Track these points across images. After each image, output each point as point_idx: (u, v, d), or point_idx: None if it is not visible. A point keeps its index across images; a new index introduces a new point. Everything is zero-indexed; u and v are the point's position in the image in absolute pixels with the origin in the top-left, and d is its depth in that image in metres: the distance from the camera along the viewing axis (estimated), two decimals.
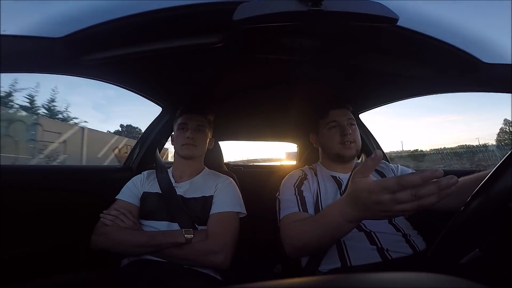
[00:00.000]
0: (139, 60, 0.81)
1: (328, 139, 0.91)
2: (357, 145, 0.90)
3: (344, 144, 0.87)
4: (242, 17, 0.50)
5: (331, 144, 0.90)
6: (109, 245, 0.76)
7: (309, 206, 0.79)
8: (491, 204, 0.44)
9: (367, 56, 0.82)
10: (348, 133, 0.87)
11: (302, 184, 0.86)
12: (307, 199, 0.81)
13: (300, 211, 0.76)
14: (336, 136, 0.88)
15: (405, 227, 0.79)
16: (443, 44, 0.65)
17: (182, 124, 0.97)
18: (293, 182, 0.87)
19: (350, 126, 0.90)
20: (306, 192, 0.83)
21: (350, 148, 0.87)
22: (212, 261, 0.75)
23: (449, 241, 0.49)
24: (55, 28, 0.59)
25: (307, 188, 0.85)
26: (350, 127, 0.89)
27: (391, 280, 0.22)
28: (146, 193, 0.91)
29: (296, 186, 0.85)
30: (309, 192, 0.85)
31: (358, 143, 0.90)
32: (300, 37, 0.73)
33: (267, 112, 1.53)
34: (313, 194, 0.85)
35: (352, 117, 0.93)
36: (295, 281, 0.21)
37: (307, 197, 0.82)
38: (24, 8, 0.63)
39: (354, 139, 0.88)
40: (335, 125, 0.90)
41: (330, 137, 0.90)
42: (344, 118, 0.90)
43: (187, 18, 0.61)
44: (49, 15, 0.61)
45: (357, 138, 0.90)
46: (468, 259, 0.45)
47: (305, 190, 0.84)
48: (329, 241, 0.63)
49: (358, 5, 0.51)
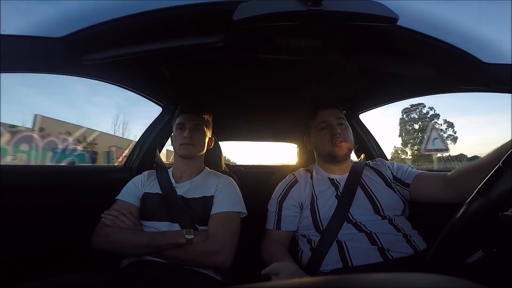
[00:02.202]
0: (139, 60, 0.81)
1: (319, 140, 0.92)
2: (349, 144, 0.90)
3: (335, 144, 0.87)
4: (242, 17, 0.50)
5: (322, 144, 0.91)
6: (109, 246, 0.76)
7: (285, 221, 0.87)
8: (482, 213, 0.44)
9: (367, 56, 0.82)
10: (337, 132, 0.87)
11: (288, 193, 0.91)
12: (286, 213, 0.88)
13: (274, 229, 0.88)
14: (326, 136, 0.89)
15: (405, 227, 0.79)
16: (443, 44, 0.65)
17: (180, 124, 0.97)
18: (278, 196, 0.93)
19: (340, 125, 0.90)
20: (289, 205, 0.89)
21: (340, 147, 0.87)
22: (213, 262, 0.75)
23: (445, 247, 0.48)
24: (55, 28, 0.59)
25: (294, 196, 0.90)
26: (340, 127, 0.89)
27: (391, 280, 0.22)
28: (146, 193, 0.91)
29: (278, 201, 0.91)
30: (296, 200, 0.89)
31: (349, 141, 0.90)
32: (300, 37, 0.73)
33: (267, 112, 1.53)
34: (305, 199, 0.88)
35: (341, 116, 0.93)
36: (295, 281, 0.21)
37: (285, 211, 0.89)
38: (24, 8, 0.63)
39: (345, 138, 0.88)
40: (324, 126, 0.91)
41: (321, 137, 0.91)
42: (333, 118, 0.91)
43: (187, 18, 0.61)
44: (49, 15, 0.62)
45: (348, 137, 0.90)
46: (472, 260, 0.44)
47: (288, 202, 0.89)
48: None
49: (358, 5, 0.51)
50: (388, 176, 0.89)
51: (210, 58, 0.87)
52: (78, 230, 0.99)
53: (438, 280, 0.22)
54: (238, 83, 1.13)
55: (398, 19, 0.51)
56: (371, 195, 0.84)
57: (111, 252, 0.76)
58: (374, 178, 0.89)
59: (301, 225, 0.86)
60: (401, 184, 0.86)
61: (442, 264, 0.48)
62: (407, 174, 0.85)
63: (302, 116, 1.48)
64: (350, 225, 0.78)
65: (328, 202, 0.84)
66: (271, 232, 0.88)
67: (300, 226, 0.87)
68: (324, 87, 1.15)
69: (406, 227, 0.80)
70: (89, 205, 0.95)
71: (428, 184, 0.80)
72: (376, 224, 0.78)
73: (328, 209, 0.82)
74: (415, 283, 0.21)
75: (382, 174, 0.90)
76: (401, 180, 0.86)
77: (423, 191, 0.81)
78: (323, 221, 0.81)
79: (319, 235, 0.80)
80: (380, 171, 0.92)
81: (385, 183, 0.87)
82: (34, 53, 0.61)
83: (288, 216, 0.87)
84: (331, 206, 0.82)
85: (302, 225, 0.85)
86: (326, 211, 0.82)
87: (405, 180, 0.85)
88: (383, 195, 0.83)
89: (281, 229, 0.86)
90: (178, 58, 0.86)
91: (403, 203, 0.84)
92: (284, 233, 0.87)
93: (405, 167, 0.89)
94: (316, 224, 0.81)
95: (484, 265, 0.44)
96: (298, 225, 0.87)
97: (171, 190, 0.89)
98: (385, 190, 0.85)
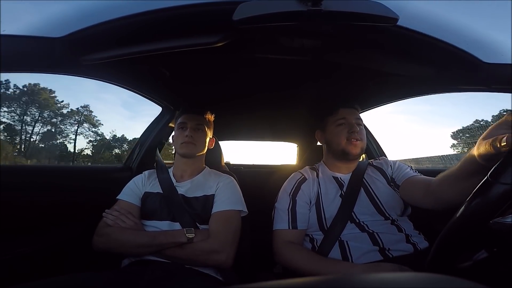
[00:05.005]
0: (139, 60, 0.81)
1: (335, 135, 0.91)
2: (363, 144, 0.90)
3: (351, 141, 0.87)
4: (242, 17, 0.50)
5: (338, 140, 0.90)
6: (110, 246, 0.76)
7: (300, 219, 0.82)
8: (471, 223, 0.44)
9: (367, 56, 0.82)
10: (356, 130, 0.88)
11: (299, 189, 0.88)
12: (300, 210, 0.83)
13: (289, 229, 0.81)
14: (344, 133, 0.89)
15: (407, 228, 0.79)
16: (443, 44, 0.65)
17: (181, 123, 0.98)
18: (289, 190, 0.89)
19: (358, 125, 0.91)
20: (301, 201, 0.85)
21: (355, 146, 0.87)
22: (214, 260, 0.75)
23: (443, 252, 0.48)
24: (55, 28, 0.59)
25: (304, 193, 0.87)
26: (358, 126, 0.90)
27: (391, 280, 0.22)
28: (147, 193, 0.91)
29: (291, 195, 0.87)
30: (307, 197, 0.86)
31: (364, 142, 0.91)
32: (300, 37, 0.73)
33: (267, 112, 1.53)
34: (313, 197, 0.86)
35: (360, 117, 0.94)
36: (295, 281, 0.21)
37: (299, 208, 0.84)
38: (24, 8, 0.63)
39: (361, 137, 0.89)
40: (343, 122, 0.91)
41: (338, 133, 0.90)
42: (353, 117, 0.91)
43: (187, 18, 0.61)
44: (49, 15, 0.62)
45: (364, 138, 0.91)
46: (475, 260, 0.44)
47: (300, 199, 0.86)
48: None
49: (358, 5, 0.51)
50: (389, 175, 0.90)
51: (210, 58, 0.87)
52: (79, 230, 0.99)
53: (438, 280, 0.22)
54: (238, 83, 1.13)
55: (398, 19, 0.51)
56: (373, 195, 0.84)
57: (112, 252, 0.76)
58: (377, 177, 0.90)
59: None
60: (394, 185, 0.86)
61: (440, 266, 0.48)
62: (401, 176, 0.85)
63: (302, 116, 1.48)
64: (354, 224, 0.78)
65: (333, 201, 0.84)
66: (285, 233, 0.81)
67: None
68: (324, 87, 1.15)
69: (408, 228, 0.80)
70: (89, 205, 0.96)
71: (413, 188, 0.80)
72: (378, 224, 0.78)
73: (333, 208, 0.82)
74: (415, 283, 0.21)
75: (384, 172, 0.91)
76: (394, 180, 0.87)
77: (407, 195, 0.81)
78: (327, 220, 0.80)
79: (322, 234, 0.80)
80: (383, 169, 0.92)
81: (387, 182, 0.88)
82: (34, 53, 0.61)
83: (302, 214, 0.83)
84: (335, 205, 0.82)
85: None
86: (331, 210, 0.82)
87: (397, 182, 0.85)
88: (384, 195, 0.84)
89: (297, 228, 0.81)
90: (178, 58, 0.86)
91: (403, 203, 0.84)
92: (301, 232, 0.82)
93: (404, 168, 0.89)
94: (320, 223, 0.81)
95: (484, 265, 0.44)
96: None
97: (172, 189, 0.90)
98: (386, 189, 0.86)
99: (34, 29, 0.59)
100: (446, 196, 0.65)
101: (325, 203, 0.84)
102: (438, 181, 0.69)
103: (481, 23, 7.32)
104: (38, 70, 0.71)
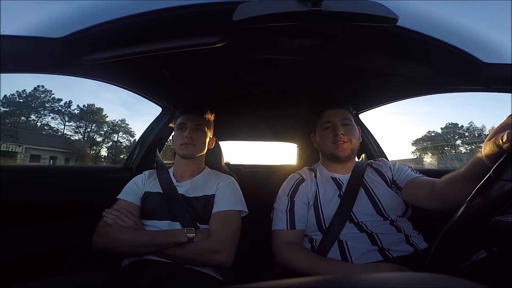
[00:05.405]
0: (139, 60, 0.81)
1: (322, 139, 0.92)
2: (353, 145, 0.89)
3: (337, 144, 0.87)
4: (242, 17, 0.50)
5: (325, 144, 0.91)
6: (110, 245, 0.76)
7: (299, 220, 0.83)
8: (472, 221, 0.44)
9: (367, 56, 0.82)
10: (339, 132, 0.86)
11: (297, 190, 0.88)
12: (298, 210, 0.84)
13: (288, 229, 0.82)
14: (330, 136, 0.89)
15: (406, 228, 0.79)
16: (443, 44, 0.65)
17: (181, 124, 0.97)
18: (287, 191, 0.89)
19: (344, 126, 0.89)
20: (299, 202, 0.86)
21: (342, 148, 0.87)
22: (214, 260, 0.75)
23: (443, 251, 0.48)
24: (55, 28, 0.59)
25: (302, 193, 0.87)
26: (344, 127, 0.88)
27: (391, 280, 0.22)
28: (147, 192, 0.91)
29: (289, 196, 0.87)
30: (305, 197, 0.86)
31: (354, 142, 0.89)
32: (300, 38, 0.73)
33: (267, 112, 1.53)
34: (311, 197, 0.86)
35: (347, 116, 0.92)
36: (295, 281, 0.21)
37: (297, 209, 0.84)
38: (24, 8, 0.63)
39: (349, 138, 0.87)
40: (328, 126, 0.90)
41: (324, 137, 0.91)
42: (338, 118, 0.90)
43: (187, 18, 0.61)
44: (49, 15, 0.62)
45: (353, 137, 0.89)
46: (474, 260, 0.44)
47: (298, 199, 0.86)
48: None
49: (358, 5, 0.51)
50: (388, 177, 0.89)
51: (210, 59, 0.87)
52: (78, 230, 0.99)
53: (438, 280, 0.22)
54: (238, 83, 1.13)
55: (398, 19, 0.51)
56: (373, 196, 0.84)
57: (112, 251, 0.76)
58: (375, 178, 0.89)
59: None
60: (396, 187, 0.86)
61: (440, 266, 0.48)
62: (403, 177, 0.85)
63: (302, 116, 1.48)
64: (352, 225, 0.78)
65: (331, 202, 0.83)
66: (284, 233, 0.82)
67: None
68: (324, 87, 1.15)
69: (407, 228, 0.80)
70: (89, 205, 0.95)
71: (417, 190, 0.79)
72: (377, 224, 0.78)
73: (331, 208, 0.82)
74: (415, 283, 0.21)
75: (383, 175, 0.90)
76: (396, 182, 0.86)
77: (411, 196, 0.81)
78: (326, 221, 0.80)
79: (321, 235, 0.80)
80: (382, 171, 0.91)
81: (386, 184, 0.87)
82: (34, 53, 0.61)
83: (300, 214, 0.84)
84: (334, 206, 0.82)
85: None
86: (329, 210, 0.82)
87: (399, 184, 0.85)
88: (384, 196, 0.83)
89: (296, 228, 0.81)
90: (178, 58, 0.86)
91: (404, 204, 0.83)
92: (300, 232, 0.83)
93: (405, 169, 0.88)
94: (319, 223, 0.81)
95: (484, 265, 0.44)
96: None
97: (172, 189, 0.90)
98: (386, 191, 0.85)
99: (34, 29, 0.59)
100: (452, 197, 0.65)
101: (323, 204, 0.84)
102: (443, 182, 0.69)
103: (481, 23, 7.31)
104: (38, 70, 0.71)
